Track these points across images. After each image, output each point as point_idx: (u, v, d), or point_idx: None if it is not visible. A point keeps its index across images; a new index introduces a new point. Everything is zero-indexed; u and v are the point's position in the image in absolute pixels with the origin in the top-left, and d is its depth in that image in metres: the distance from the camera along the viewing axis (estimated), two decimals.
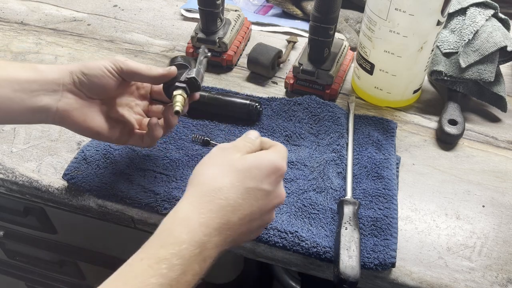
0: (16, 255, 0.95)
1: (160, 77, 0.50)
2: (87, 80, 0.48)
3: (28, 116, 0.48)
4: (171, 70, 0.51)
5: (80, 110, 0.49)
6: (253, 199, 0.40)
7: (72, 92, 0.48)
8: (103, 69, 0.48)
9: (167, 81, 0.51)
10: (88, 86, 0.49)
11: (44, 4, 0.93)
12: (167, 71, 0.50)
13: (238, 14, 0.79)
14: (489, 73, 0.65)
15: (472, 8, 0.68)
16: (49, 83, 0.47)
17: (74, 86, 0.48)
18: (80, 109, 0.49)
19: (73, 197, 0.58)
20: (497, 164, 0.63)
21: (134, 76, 0.50)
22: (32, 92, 0.46)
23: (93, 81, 0.48)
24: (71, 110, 0.48)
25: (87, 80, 0.48)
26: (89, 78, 0.48)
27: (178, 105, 0.49)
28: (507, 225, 0.55)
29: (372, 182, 0.57)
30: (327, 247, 0.50)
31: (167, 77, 0.51)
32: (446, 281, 0.50)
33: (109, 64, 0.48)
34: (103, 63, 0.48)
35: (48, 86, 0.47)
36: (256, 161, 0.41)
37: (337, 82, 0.69)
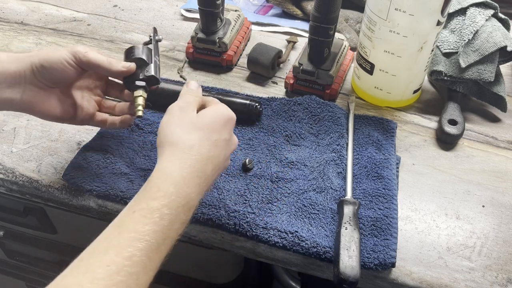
0: (16, 255, 0.95)
1: (120, 73, 0.52)
2: (47, 73, 0.50)
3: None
4: (130, 67, 0.53)
5: (42, 100, 0.51)
6: (219, 149, 0.46)
7: (34, 84, 0.50)
8: (63, 61, 0.49)
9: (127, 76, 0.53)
10: (49, 78, 0.50)
11: (44, 4, 0.93)
12: (127, 68, 0.52)
13: (238, 14, 0.79)
14: (489, 73, 0.65)
15: (472, 8, 0.68)
16: (11, 75, 0.49)
17: (35, 78, 0.50)
18: (43, 99, 0.51)
19: (73, 197, 0.58)
20: (497, 164, 0.63)
21: (93, 68, 0.51)
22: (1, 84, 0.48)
23: (54, 73, 0.50)
24: (34, 101, 0.51)
25: (48, 73, 0.50)
26: (50, 71, 0.49)
27: (140, 109, 0.52)
28: (507, 225, 0.55)
29: (372, 182, 0.57)
30: (327, 247, 0.50)
31: (126, 74, 0.53)
32: (446, 281, 0.50)
33: (69, 56, 0.50)
34: (63, 56, 0.49)
35: (10, 79, 0.49)
36: (213, 116, 0.47)
37: (337, 82, 0.69)
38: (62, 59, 0.49)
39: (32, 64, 0.49)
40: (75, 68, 0.50)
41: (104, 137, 0.62)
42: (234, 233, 0.54)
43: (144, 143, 0.62)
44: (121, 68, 0.52)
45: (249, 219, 0.53)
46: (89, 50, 0.50)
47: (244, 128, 0.65)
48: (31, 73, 0.49)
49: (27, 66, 0.49)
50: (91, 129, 0.66)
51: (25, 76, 0.49)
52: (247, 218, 0.53)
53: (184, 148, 0.44)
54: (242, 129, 0.64)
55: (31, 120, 0.68)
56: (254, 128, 0.65)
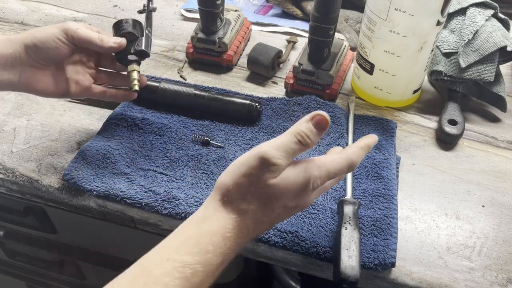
0: (16, 255, 0.95)
1: (111, 49, 0.53)
2: (41, 52, 0.51)
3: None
4: (121, 43, 0.54)
5: (39, 79, 0.53)
6: (276, 215, 0.41)
7: (29, 65, 0.51)
8: (55, 39, 0.51)
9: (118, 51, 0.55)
10: (43, 57, 0.52)
11: (44, 4, 0.93)
12: (118, 44, 0.53)
13: (238, 14, 0.79)
14: (489, 73, 0.65)
15: (472, 8, 0.68)
16: (6, 59, 0.50)
17: (30, 58, 0.51)
18: (39, 78, 0.53)
19: (73, 197, 0.58)
20: (497, 164, 0.63)
21: (84, 44, 0.52)
22: None
23: (47, 52, 0.51)
24: (31, 81, 0.52)
25: (41, 52, 0.51)
26: (43, 50, 0.51)
27: (136, 84, 0.54)
28: (507, 225, 0.55)
29: (372, 182, 0.57)
30: (327, 247, 0.50)
31: (117, 49, 0.54)
32: (446, 281, 0.50)
33: (60, 34, 0.51)
34: (54, 33, 0.51)
35: (6, 61, 0.50)
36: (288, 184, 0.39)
37: (337, 82, 0.69)
38: (54, 37, 0.51)
39: (26, 46, 0.50)
40: (67, 44, 0.52)
41: (104, 137, 0.62)
42: None
43: (144, 143, 0.62)
44: (112, 44, 0.53)
45: None
46: (80, 26, 0.52)
47: (244, 128, 0.65)
48: (26, 54, 0.51)
49: (21, 48, 0.50)
50: (91, 129, 0.66)
51: (20, 58, 0.50)
52: None
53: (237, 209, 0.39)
54: (242, 129, 0.65)
55: (31, 120, 0.68)
56: (254, 128, 0.65)
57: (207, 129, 0.64)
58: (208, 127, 0.65)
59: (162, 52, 0.81)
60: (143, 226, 0.58)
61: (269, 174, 0.39)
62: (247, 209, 0.39)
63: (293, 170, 0.39)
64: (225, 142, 0.63)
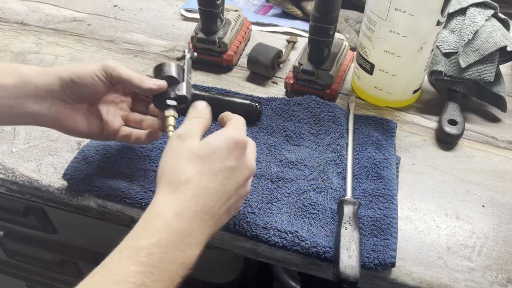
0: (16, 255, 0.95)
1: (150, 91, 0.50)
2: (77, 88, 0.48)
3: (18, 121, 0.49)
4: (162, 86, 0.50)
5: (70, 116, 0.50)
6: (223, 179, 0.42)
7: (62, 99, 0.48)
8: (93, 76, 0.48)
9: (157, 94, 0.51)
10: (78, 94, 0.49)
11: (44, 4, 0.93)
12: (158, 86, 0.50)
13: (238, 14, 0.79)
14: (489, 73, 0.65)
15: (472, 8, 0.68)
16: (38, 90, 0.47)
17: (63, 93, 0.48)
18: (70, 115, 0.50)
19: (73, 197, 0.58)
20: (497, 164, 0.63)
21: (124, 84, 0.50)
22: (20, 99, 0.46)
23: (83, 88, 0.48)
24: (61, 116, 0.49)
25: (77, 88, 0.48)
26: (79, 86, 0.48)
27: (171, 130, 0.50)
28: (507, 225, 0.55)
29: (372, 182, 0.57)
30: (327, 247, 0.50)
31: (157, 92, 0.50)
32: (446, 281, 0.50)
33: (99, 71, 0.48)
34: (93, 70, 0.48)
35: (37, 93, 0.47)
36: (215, 143, 0.43)
37: (337, 82, 0.69)
38: (92, 73, 0.48)
39: (62, 79, 0.47)
40: (105, 83, 0.49)
41: None
42: (234, 233, 0.54)
43: None
44: (152, 85, 0.50)
45: (249, 219, 0.53)
46: (120, 65, 0.49)
47: None
48: (60, 88, 0.47)
49: (56, 80, 0.47)
50: None
51: (53, 90, 0.47)
52: (247, 218, 0.53)
53: (179, 183, 0.41)
54: None
55: None
56: (254, 128, 0.65)
57: None
58: None
59: (162, 52, 0.81)
60: None
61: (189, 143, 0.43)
62: (188, 178, 0.41)
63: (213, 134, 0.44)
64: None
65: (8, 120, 0.48)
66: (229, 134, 0.44)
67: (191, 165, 0.42)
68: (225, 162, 0.43)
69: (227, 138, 0.43)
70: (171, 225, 0.39)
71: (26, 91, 0.46)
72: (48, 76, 0.47)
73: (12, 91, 0.46)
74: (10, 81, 0.46)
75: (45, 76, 0.47)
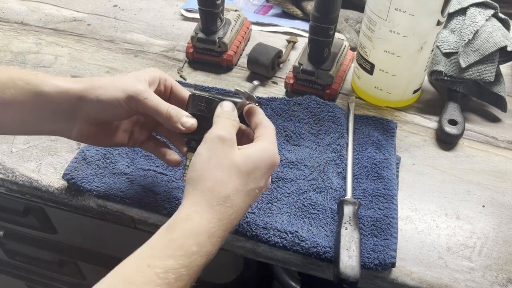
0: (16, 255, 0.95)
1: (177, 130, 0.46)
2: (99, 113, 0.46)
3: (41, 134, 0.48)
4: (191, 128, 0.46)
5: (94, 135, 0.48)
6: (251, 200, 0.42)
7: (83, 120, 0.46)
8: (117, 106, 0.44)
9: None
10: (100, 117, 0.46)
11: (44, 4, 0.93)
12: (187, 127, 0.45)
13: (238, 14, 0.79)
14: (489, 73, 0.65)
15: (472, 8, 0.68)
16: (58, 112, 0.45)
17: (85, 115, 0.46)
18: (94, 134, 0.48)
19: (73, 197, 0.58)
20: (497, 164, 0.63)
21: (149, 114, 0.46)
22: (45, 118, 0.45)
23: (104, 115, 0.46)
24: (86, 136, 0.48)
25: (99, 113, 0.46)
26: (100, 112, 0.45)
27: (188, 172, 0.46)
28: (507, 225, 0.55)
29: (372, 182, 0.57)
30: (327, 247, 0.50)
31: (184, 132, 0.46)
32: (446, 281, 0.50)
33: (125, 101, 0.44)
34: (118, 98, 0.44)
35: (61, 114, 0.45)
36: (256, 160, 0.42)
37: (337, 82, 0.69)
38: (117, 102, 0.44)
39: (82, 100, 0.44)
40: (128, 112, 0.46)
41: None
42: (234, 233, 0.54)
43: None
44: (180, 126, 0.45)
45: (249, 219, 0.53)
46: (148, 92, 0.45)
47: None
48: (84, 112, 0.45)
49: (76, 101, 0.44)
50: None
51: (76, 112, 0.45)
52: (247, 218, 0.53)
53: (219, 198, 0.39)
54: None
55: None
56: None
57: None
58: None
59: (162, 52, 0.81)
60: (143, 226, 0.58)
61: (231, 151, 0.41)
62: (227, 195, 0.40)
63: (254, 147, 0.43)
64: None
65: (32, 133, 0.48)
66: (271, 151, 0.43)
67: (231, 180, 0.40)
68: (259, 183, 0.42)
69: (269, 156, 0.42)
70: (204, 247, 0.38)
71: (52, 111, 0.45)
72: (69, 96, 0.44)
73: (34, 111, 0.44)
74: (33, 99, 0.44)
75: (66, 97, 0.44)
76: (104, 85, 0.44)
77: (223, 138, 0.42)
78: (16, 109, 0.44)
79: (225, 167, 0.40)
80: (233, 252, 0.56)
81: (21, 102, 0.44)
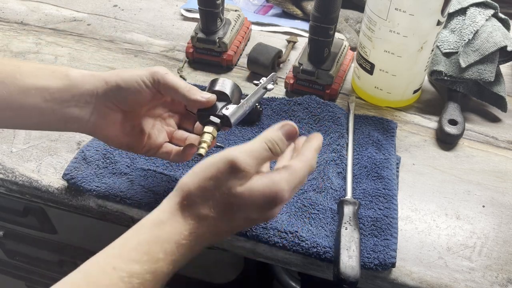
0: (16, 255, 0.95)
1: (196, 104, 0.47)
2: (122, 94, 0.46)
3: (58, 126, 0.47)
4: (210, 100, 0.47)
5: (112, 124, 0.47)
6: (237, 226, 0.40)
7: (105, 105, 0.46)
8: (140, 82, 0.45)
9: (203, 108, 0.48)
10: (123, 99, 0.46)
11: (44, 4, 0.93)
12: (206, 99, 0.46)
13: (238, 14, 0.79)
14: (489, 73, 0.65)
15: (472, 8, 0.68)
16: (82, 94, 0.45)
17: (107, 98, 0.46)
18: (112, 122, 0.47)
19: (73, 197, 0.58)
20: (497, 164, 0.63)
21: (170, 92, 0.46)
22: (64, 103, 0.45)
23: (128, 95, 0.46)
24: (104, 124, 0.47)
25: (122, 94, 0.46)
26: (124, 91, 0.45)
27: (204, 148, 0.46)
28: (507, 225, 0.55)
29: (372, 182, 0.57)
30: (327, 247, 0.50)
31: (203, 105, 0.47)
32: (446, 281, 0.50)
33: (147, 77, 0.45)
34: (140, 75, 0.45)
35: (81, 97, 0.45)
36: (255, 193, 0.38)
37: (337, 82, 0.69)
38: (139, 78, 0.45)
39: (107, 83, 0.45)
40: (151, 89, 0.46)
41: None
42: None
43: None
44: (200, 97, 0.46)
45: None
46: (169, 73, 0.46)
47: (244, 128, 0.65)
48: (104, 92, 0.45)
49: (101, 84, 0.45)
50: None
51: (97, 95, 0.45)
52: None
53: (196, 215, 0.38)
54: (242, 129, 0.64)
55: None
56: (254, 128, 0.65)
57: None
58: None
59: (162, 52, 0.81)
60: None
61: (236, 181, 0.37)
62: (207, 215, 0.37)
63: (260, 181, 0.38)
64: (225, 142, 0.63)
65: (49, 125, 0.46)
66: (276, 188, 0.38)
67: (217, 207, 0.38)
68: (250, 214, 0.39)
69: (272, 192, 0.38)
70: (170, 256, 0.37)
71: (71, 95, 0.45)
72: (94, 79, 0.45)
73: (56, 95, 0.44)
74: (57, 83, 0.44)
75: (91, 80, 0.45)
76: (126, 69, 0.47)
77: (235, 166, 0.37)
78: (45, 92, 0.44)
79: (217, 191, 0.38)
80: (233, 252, 0.56)
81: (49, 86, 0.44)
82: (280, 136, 0.40)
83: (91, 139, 0.62)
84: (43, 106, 0.44)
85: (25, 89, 0.43)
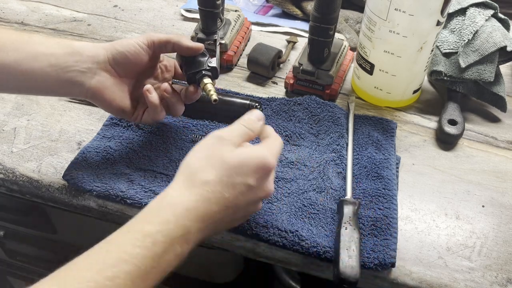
0: (16, 255, 0.95)
1: (188, 50, 0.54)
2: (121, 56, 0.52)
3: (61, 90, 0.51)
4: (199, 46, 0.54)
5: (111, 89, 0.52)
6: (238, 193, 0.43)
7: (106, 70, 0.52)
8: (136, 45, 0.52)
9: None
10: (121, 62, 0.52)
11: (44, 4, 0.93)
12: (196, 45, 0.54)
13: (238, 14, 0.79)
14: (488, 73, 0.65)
15: (472, 8, 0.68)
16: (84, 59, 0.50)
17: (108, 63, 0.52)
18: (111, 87, 0.53)
19: (73, 197, 0.58)
20: (497, 164, 0.63)
21: (166, 46, 0.53)
22: (67, 67, 0.50)
23: (127, 57, 0.52)
24: (103, 88, 0.52)
25: (121, 56, 0.52)
26: (123, 54, 0.52)
27: (214, 93, 0.53)
28: (507, 225, 0.55)
29: (372, 182, 0.57)
30: (327, 247, 0.50)
31: (193, 51, 0.54)
32: (446, 281, 0.50)
33: (142, 40, 0.52)
34: (136, 40, 0.52)
35: (83, 62, 0.50)
36: (245, 158, 0.43)
37: (337, 82, 0.69)
38: (135, 42, 0.52)
39: (106, 49, 0.51)
40: (147, 52, 0.53)
41: (105, 138, 0.62)
42: (234, 231, 0.54)
43: (144, 143, 0.62)
44: (190, 44, 0.54)
45: (249, 217, 0.53)
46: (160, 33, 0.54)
47: None
48: (105, 58, 0.51)
49: (101, 51, 0.51)
50: (91, 129, 0.66)
51: (98, 61, 0.51)
52: None
53: (198, 181, 0.42)
54: None
55: (31, 120, 0.68)
56: None
57: (207, 129, 0.64)
58: (208, 127, 0.65)
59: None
60: None
61: (225, 148, 0.43)
62: (208, 179, 0.42)
63: (247, 150, 0.44)
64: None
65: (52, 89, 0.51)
66: (262, 154, 0.44)
67: (215, 170, 0.42)
68: (246, 178, 0.43)
69: (259, 157, 0.44)
70: (179, 219, 0.40)
71: (74, 60, 0.50)
72: (95, 48, 0.52)
73: (61, 60, 0.49)
74: (62, 50, 0.50)
75: (92, 48, 0.51)
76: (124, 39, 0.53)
77: (221, 137, 0.44)
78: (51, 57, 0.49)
79: (212, 158, 0.43)
80: (233, 252, 0.56)
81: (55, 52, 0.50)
82: (252, 117, 0.48)
83: (91, 139, 0.62)
84: (49, 70, 0.49)
85: (35, 54, 0.49)
